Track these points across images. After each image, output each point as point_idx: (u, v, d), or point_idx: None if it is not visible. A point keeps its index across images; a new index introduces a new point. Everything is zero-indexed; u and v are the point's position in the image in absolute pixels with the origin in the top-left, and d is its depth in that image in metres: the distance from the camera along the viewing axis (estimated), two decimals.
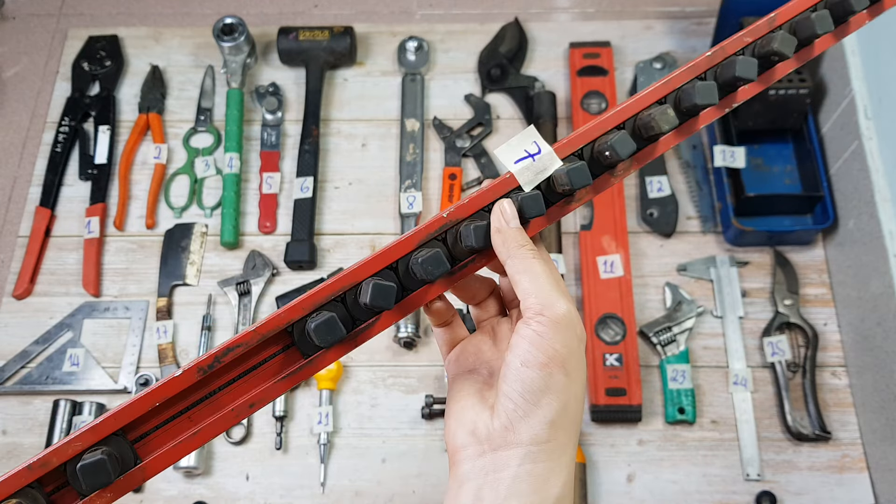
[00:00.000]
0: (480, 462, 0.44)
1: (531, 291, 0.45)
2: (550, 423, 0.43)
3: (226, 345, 0.45)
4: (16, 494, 0.42)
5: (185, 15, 1.40)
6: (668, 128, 0.48)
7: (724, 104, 0.51)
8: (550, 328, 0.44)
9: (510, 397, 0.44)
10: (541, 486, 0.43)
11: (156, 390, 0.44)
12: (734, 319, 1.10)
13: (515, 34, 1.30)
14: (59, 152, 1.23)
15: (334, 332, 0.44)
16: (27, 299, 1.15)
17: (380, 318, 0.47)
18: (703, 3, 1.34)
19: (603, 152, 0.48)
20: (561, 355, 0.44)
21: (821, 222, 1.13)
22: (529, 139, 0.48)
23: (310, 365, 0.47)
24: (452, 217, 0.48)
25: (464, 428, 0.46)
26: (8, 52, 1.36)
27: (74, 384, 1.08)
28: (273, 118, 1.26)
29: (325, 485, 1.03)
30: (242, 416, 0.46)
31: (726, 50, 0.51)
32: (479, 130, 1.25)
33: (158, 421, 0.45)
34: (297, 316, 0.46)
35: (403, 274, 0.48)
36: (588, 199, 0.50)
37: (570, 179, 0.46)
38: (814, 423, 1.03)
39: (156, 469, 0.45)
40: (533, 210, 0.47)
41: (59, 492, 0.43)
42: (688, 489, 1.02)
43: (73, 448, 0.42)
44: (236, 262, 1.16)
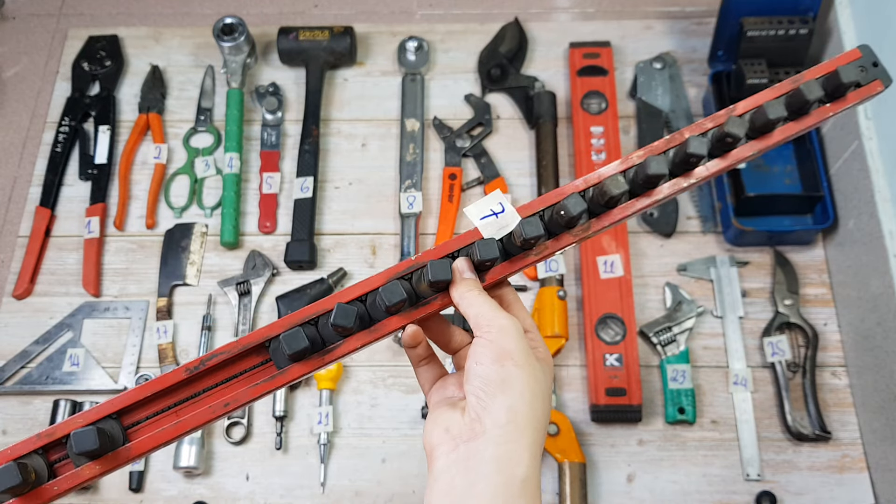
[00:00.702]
0: (453, 456, 0.49)
1: (478, 314, 0.52)
2: (507, 407, 0.49)
3: (211, 352, 0.54)
4: (24, 457, 0.50)
5: (185, 15, 1.40)
6: (619, 192, 0.54)
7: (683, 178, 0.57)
8: (496, 332, 0.51)
9: (473, 393, 0.50)
10: (504, 467, 0.47)
11: (147, 384, 0.53)
12: (734, 319, 1.10)
13: (515, 34, 1.30)
14: (59, 152, 1.23)
15: (298, 341, 0.52)
16: (27, 299, 1.15)
17: (346, 340, 0.54)
18: (703, 3, 1.34)
19: (558, 211, 0.54)
20: (508, 351, 0.50)
21: (821, 222, 1.13)
22: (496, 200, 0.56)
23: (280, 375, 0.54)
24: (419, 260, 0.55)
25: (439, 428, 0.51)
26: (8, 52, 1.36)
27: (74, 384, 1.08)
28: (273, 118, 1.26)
29: (325, 485, 1.03)
30: (218, 412, 0.53)
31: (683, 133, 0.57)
32: (479, 130, 1.25)
33: (149, 412, 0.53)
34: (273, 333, 0.54)
35: (370, 305, 0.55)
36: (547, 253, 0.56)
37: (523, 230, 0.53)
38: (814, 423, 1.03)
39: (140, 450, 0.52)
40: (486, 253, 0.53)
41: (60, 462, 0.52)
42: (688, 489, 1.02)
43: (75, 423, 0.51)
44: (236, 262, 1.16)
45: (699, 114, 1.24)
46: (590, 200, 0.56)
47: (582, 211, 0.54)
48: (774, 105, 0.56)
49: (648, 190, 0.57)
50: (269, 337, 0.54)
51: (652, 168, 0.54)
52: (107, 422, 0.52)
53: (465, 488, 0.47)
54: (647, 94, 1.24)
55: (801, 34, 1.14)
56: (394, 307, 0.53)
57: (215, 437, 1.06)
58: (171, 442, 0.53)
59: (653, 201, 0.57)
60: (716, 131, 0.57)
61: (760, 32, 1.14)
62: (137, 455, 0.52)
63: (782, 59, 1.16)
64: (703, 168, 0.57)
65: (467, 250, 0.56)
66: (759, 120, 0.56)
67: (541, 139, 1.21)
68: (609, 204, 0.56)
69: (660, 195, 0.57)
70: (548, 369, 0.53)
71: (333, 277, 1.13)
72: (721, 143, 0.56)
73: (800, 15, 1.14)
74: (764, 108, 0.56)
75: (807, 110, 0.57)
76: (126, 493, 1.03)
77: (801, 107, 0.57)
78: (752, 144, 0.58)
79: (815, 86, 0.56)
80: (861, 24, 1.10)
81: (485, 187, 1.20)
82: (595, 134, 1.20)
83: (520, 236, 0.53)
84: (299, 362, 0.54)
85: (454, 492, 0.47)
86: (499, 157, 1.23)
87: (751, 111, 0.58)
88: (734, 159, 0.57)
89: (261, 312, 1.13)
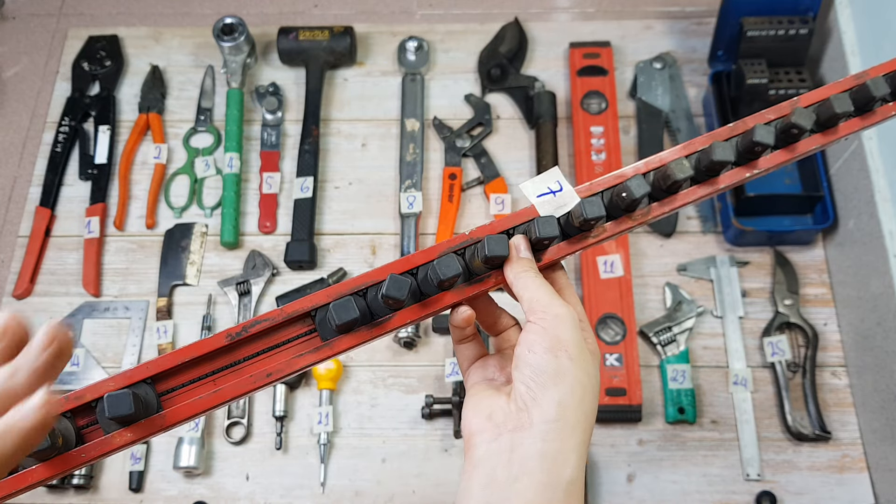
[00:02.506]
0: (495, 445, 0.46)
1: (532, 299, 0.50)
2: (558, 402, 0.46)
3: (254, 318, 0.50)
4: None
5: (185, 15, 1.40)
6: (682, 176, 0.52)
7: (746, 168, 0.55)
8: (550, 320, 0.48)
9: (522, 381, 0.47)
10: (551, 467, 0.45)
11: (186, 348, 0.49)
12: (734, 319, 1.10)
13: (515, 34, 1.30)
14: (59, 152, 1.23)
15: (349, 311, 0.49)
16: (27, 299, 1.15)
17: (397, 313, 0.51)
18: (703, 3, 1.34)
19: (620, 193, 0.52)
20: (563, 341, 0.48)
21: (821, 222, 1.13)
22: (553, 178, 0.54)
23: (327, 347, 0.51)
24: (474, 235, 0.52)
25: (480, 414, 0.49)
26: (8, 52, 1.36)
27: (74, 384, 1.08)
28: (273, 118, 1.26)
29: (325, 485, 1.03)
30: (259, 383, 0.50)
31: (747, 122, 0.55)
32: (479, 130, 1.25)
33: (186, 379, 0.50)
34: (320, 301, 0.50)
35: (422, 280, 0.52)
36: (606, 236, 0.53)
37: (584, 210, 0.50)
38: (814, 423, 1.03)
39: (175, 418, 0.49)
40: (546, 231, 0.51)
41: (88, 428, 0.48)
42: (688, 489, 1.02)
43: (105, 387, 0.47)
44: (236, 262, 1.16)
45: (699, 114, 1.24)
46: (651, 184, 0.54)
47: (645, 194, 0.51)
48: (841, 99, 0.54)
49: (711, 177, 0.55)
50: (315, 306, 0.50)
51: (717, 154, 0.52)
52: (140, 386, 0.49)
53: (507, 483, 0.45)
54: (647, 94, 1.24)
55: (801, 34, 1.14)
56: (447, 281, 0.50)
57: (215, 437, 1.06)
58: (209, 411, 0.50)
59: (714, 189, 0.55)
60: (780, 122, 0.55)
61: (760, 32, 1.14)
62: (172, 423, 0.49)
63: (782, 59, 1.16)
64: (766, 159, 0.55)
65: (524, 228, 0.53)
66: (825, 114, 0.55)
67: (541, 139, 1.21)
68: (671, 189, 0.53)
69: (721, 184, 0.55)
70: (597, 363, 0.51)
71: (333, 277, 1.13)
72: (786, 134, 0.55)
73: (800, 15, 1.14)
74: (830, 101, 0.54)
75: (871, 107, 0.56)
76: (126, 493, 1.03)
77: (866, 103, 0.55)
78: (816, 138, 0.56)
79: (881, 83, 0.55)
80: (861, 24, 1.10)
81: (485, 187, 1.20)
82: (595, 134, 1.20)
83: (579, 216, 0.51)
84: (347, 334, 0.50)
85: (495, 484, 0.45)
86: (499, 157, 1.23)
87: (815, 104, 0.56)
88: (799, 151, 0.56)
89: (261, 312, 1.13)
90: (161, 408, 0.49)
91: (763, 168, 0.55)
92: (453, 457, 1.04)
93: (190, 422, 0.51)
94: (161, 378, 0.50)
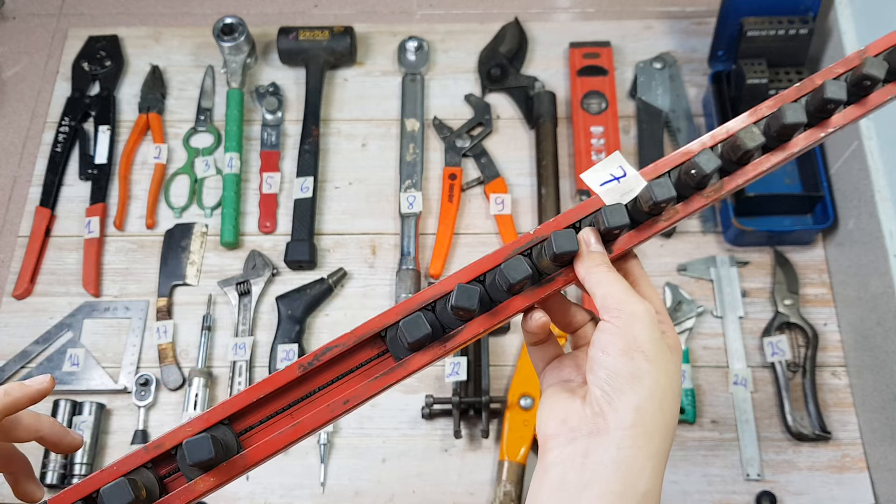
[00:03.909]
0: (569, 449, 0.45)
1: (606, 295, 0.47)
2: (635, 407, 0.44)
3: (325, 346, 0.49)
4: (133, 472, 0.46)
5: (185, 15, 1.40)
6: (753, 145, 0.49)
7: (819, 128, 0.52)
8: (626, 319, 0.46)
9: (597, 385, 0.45)
10: (626, 476, 0.43)
11: (259, 384, 0.49)
12: (734, 319, 1.10)
13: (515, 34, 1.30)
14: (59, 152, 1.23)
15: (419, 327, 0.47)
16: (27, 299, 1.15)
17: (468, 325, 0.49)
18: (703, 3, 1.34)
19: (688, 171, 0.49)
20: (640, 342, 0.45)
21: (821, 222, 1.13)
22: (615, 164, 0.51)
23: (401, 367, 0.49)
24: (539, 234, 0.50)
25: (555, 418, 0.47)
26: (8, 52, 1.36)
27: (74, 384, 1.08)
28: (273, 118, 1.26)
29: (325, 485, 1.03)
30: (337, 411, 0.49)
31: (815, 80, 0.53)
32: (479, 130, 1.25)
33: (263, 416, 0.49)
34: (390, 320, 0.49)
35: (490, 286, 0.50)
36: (678, 218, 0.51)
37: (653, 193, 0.48)
38: (814, 423, 1.03)
39: (256, 457, 0.48)
40: (615, 219, 0.48)
41: (171, 476, 0.48)
42: (688, 489, 1.02)
43: (183, 433, 0.47)
44: (236, 262, 1.16)
45: (699, 114, 1.24)
46: (720, 157, 0.51)
47: (716, 168, 0.48)
48: None
49: (783, 143, 0.51)
50: (385, 325, 0.49)
51: (788, 117, 0.49)
52: (219, 428, 0.48)
53: (577, 489, 0.43)
54: (647, 94, 1.24)
55: (801, 34, 1.14)
56: (517, 285, 0.48)
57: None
58: (289, 447, 0.49)
59: (788, 155, 0.52)
60: (850, 75, 0.52)
61: (760, 32, 1.14)
62: (254, 463, 0.48)
63: (782, 59, 1.16)
64: (840, 115, 0.52)
65: (591, 220, 0.50)
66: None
67: (541, 139, 1.21)
68: (742, 160, 0.50)
69: (795, 148, 0.52)
70: (678, 360, 0.48)
71: (333, 277, 1.13)
72: (858, 87, 0.52)
73: (800, 15, 1.14)
74: None
75: None
76: None
77: None
78: (889, 88, 0.53)
79: None
80: (861, 24, 1.10)
81: (485, 187, 1.20)
82: (595, 134, 1.20)
83: (648, 200, 0.48)
84: (419, 351, 0.49)
85: (566, 488, 0.43)
86: (499, 157, 1.23)
87: (885, 51, 0.53)
88: (872, 104, 0.52)
89: (261, 312, 1.13)
90: (241, 448, 0.48)
91: (837, 126, 0.52)
92: (453, 457, 1.04)
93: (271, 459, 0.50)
94: (237, 417, 0.49)
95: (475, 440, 1.05)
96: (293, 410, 0.49)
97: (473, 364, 1.06)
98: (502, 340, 1.10)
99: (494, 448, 1.04)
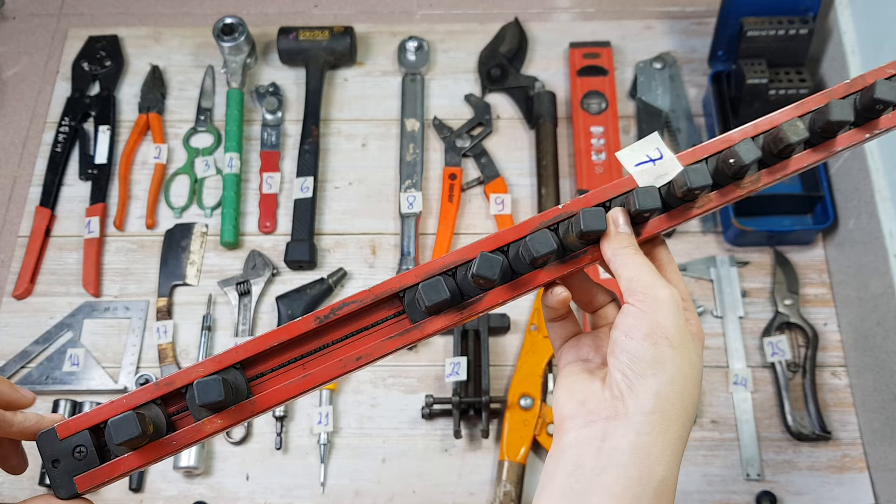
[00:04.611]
0: (586, 431, 0.44)
1: (632, 278, 0.46)
2: (656, 393, 0.44)
3: (342, 300, 0.49)
4: (142, 406, 0.46)
5: (185, 15, 1.40)
6: (797, 139, 0.47)
7: (865, 129, 0.51)
8: (651, 303, 0.45)
9: (618, 368, 0.45)
10: (643, 462, 0.42)
11: (274, 332, 0.49)
12: (734, 319, 1.10)
13: (515, 34, 1.31)
14: (59, 152, 1.23)
15: (439, 292, 0.47)
16: (27, 299, 1.15)
17: (487, 294, 0.49)
18: (703, 3, 1.34)
19: (727, 159, 0.48)
20: (664, 327, 0.45)
21: (821, 222, 1.13)
22: (652, 145, 0.49)
23: (416, 329, 0.49)
24: (567, 209, 0.49)
25: (573, 399, 0.46)
26: (8, 52, 1.36)
27: (74, 384, 1.08)
28: (273, 118, 1.26)
29: (325, 485, 1.03)
30: (349, 367, 0.49)
31: (866, 78, 0.51)
32: (479, 130, 1.25)
33: (275, 364, 0.49)
34: (409, 282, 0.49)
35: (514, 258, 0.49)
36: (712, 207, 0.50)
37: (688, 178, 0.47)
38: (814, 423, 1.03)
39: (266, 403, 0.48)
40: (647, 202, 0.47)
41: (179, 415, 0.48)
42: (688, 489, 1.02)
43: (195, 373, 0.47)
44: (236, 262, 1.16)
45: (699, 114, 1.24)
46: (761, 148, 0.49)
47: (755, 159, 0.47)
48: None
49: (826, 140, 0.50)
50: (404, 286, 0.49)
51: (835, 114, 0.48)
52: (230, 372, 0.48)
53: (593, 473, 0.43)
54: (647, 94, 1.24)
55: (801, 34, 1.14)
56: (541, 259, 0.47)
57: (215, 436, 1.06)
58: (299, 396, 0.49)
59: (829, 153, 0.50)
60: None
61: (760, 32, 1.14)
62: (263, 409, 0.48)
63: (782, 59, 1.16)
64: (888, 118, 0.50)
65: (622, 200, 0.49)
66: None
67: (541, 139, 1.21)
68: (783, 153, 0.49)
69: (838, 147, 0.50)
70: (700, 348, 0.48)
71: (333, 277, 1.13)
72: None
73: (800, 15, 1.14)
74: None
75: None
76: (126, 492, 1.03)
77: None
78: None
79: None
80: (861, 24, 1.10)
81: (485, 187, 1.20)
82: (595, 134, 1.20)
83: (683, 186, 0.47)
84: (436, 316, 0.49)
85: (581, 472, 0.43)
86: (499, 157, 1.23)
87: None
88: None
89: (261, 312, 1.13)
90: (251, 393, 0.48)
91: (884, 128, 0.50)
92: (453, 457, 1.04)
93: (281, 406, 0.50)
94: (250, 363, 0.49)
95: (475, 440, 1.05)
96: (305, 361, 0.49)
97: (473, 364, 1.06)
98: (502, 340, 1.10)
99: (494, 448, 1.04)
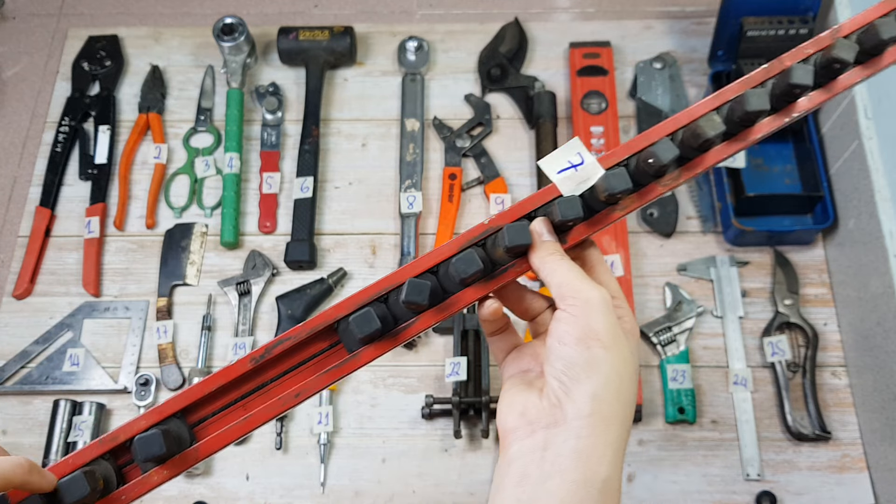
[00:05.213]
0: (529, 442, 0.45)
1: (561, 284, 0.47)
2: (592, 396, 0.44)
3: (277, 338, 0.49)
4: (90, 464, 0.47)
5: (185, 15, 1.40)
6: (714, 133, 0.48)
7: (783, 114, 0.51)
8: (581, 307, 0.46)
9: (554, 376, 0.46)
10: (586, 464, 0.43)
11: (212, 377, 0.49)
12: (734, 319, 1.10)
13: (515, 34, 1.31)
14: (59, 152, 1.23)
15: (369, 323, 0.47)
16: (27, 299, 1.15)
17: (419, 317, 0.50)
18: (703, 3, 1.34)
19: (646, 159, 0.48)
20: (595, 331, 0.45)
21: (821, 222, 1.13)
22: (573, 150, 0.50)
23: (352, 359, 0.49)
24: (493, 224, 0.50)
25: (514, 412, 0.47)
26: (8, 52, 1.36)
27: (74, 384, 1.08)
28: (273, 118, 1.26)
29: (325, 485, 1.03)
30: (289, 404, 0.49)
31: (784, 61, 0.51)
32: (479, 130, 1.25)
33: (216, 407, 0.50)
34: (342, 313, 0.49)
35: (443, 276, 0.50)
36: (634, 207, 0.50)
37: (608, 183, 0.47)
38: (814, 423, 1.03)
39: (209, 450, 0.49)
40: (568, 212, 0.48)
41: (128, 466, 0.49)
42: (688, 489, 1.02)
43: (138, 426, 0.48)
44: (236, 262, 1.16)
45: None
46: (679, 144, 0.50)
47: (674, 157, 0.48)
48: (888, 23, 0.49)
49: (745, 129, 0.50)
50: (337, 318, 0.49)
51: (751, 104, 0.48)
52: (171, 422, 0.48)
53: (539, 481, 0.43)
54: (647, 94, 1.24)
55: (801, 34, 1.14)
56: (469, 278, 0.48)
57: None
58: (242, 438, 0.49)
59: (750, 142, 0.51)
60: (819, 57, 0.51)
61: (760, 32, 1.14)
62: (206, 455, 0.49)
63: None
64: (806, 100, 0.51)
65: (545, 210, 0.50)
66: (869, 41, 0.50)
67: (541, 139, 1.21)
68: (702, 147, 0.49)
69: (758, 134, 0.51)
70: (634, 345, 0.49)
71: (333, 277, 1.13)
72: (827, 69, 0.50)
73: (800, 15, 1.14)
74: (875, 26, 0.50)
75: None
76: None
77: None
78: (858, 70, 0.51)
79: None
80: None
81: (485, 187, 1.20)
82: (595, 134, 1.20)
83: (604, 191, 0.48)
84: (371, 344, 0.49)
85: (527, 482, 0.43)
86: (499, 157, 1.23)
87: (857, 31, 0.51)
88: (839, 88, 0.51)
89: (261, 312, 1.13)
90: (195, 439, 0.49)
91: (802, 111, 0.51)
92: (453, 457, 1.04)
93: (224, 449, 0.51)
94: (191, 409, 0.49)
95: (475, 440, 1.05)
96: (246, 402, 0.50)
97: (473, 364, 1.06)
98: None
99: (494, 448, 1.04)
